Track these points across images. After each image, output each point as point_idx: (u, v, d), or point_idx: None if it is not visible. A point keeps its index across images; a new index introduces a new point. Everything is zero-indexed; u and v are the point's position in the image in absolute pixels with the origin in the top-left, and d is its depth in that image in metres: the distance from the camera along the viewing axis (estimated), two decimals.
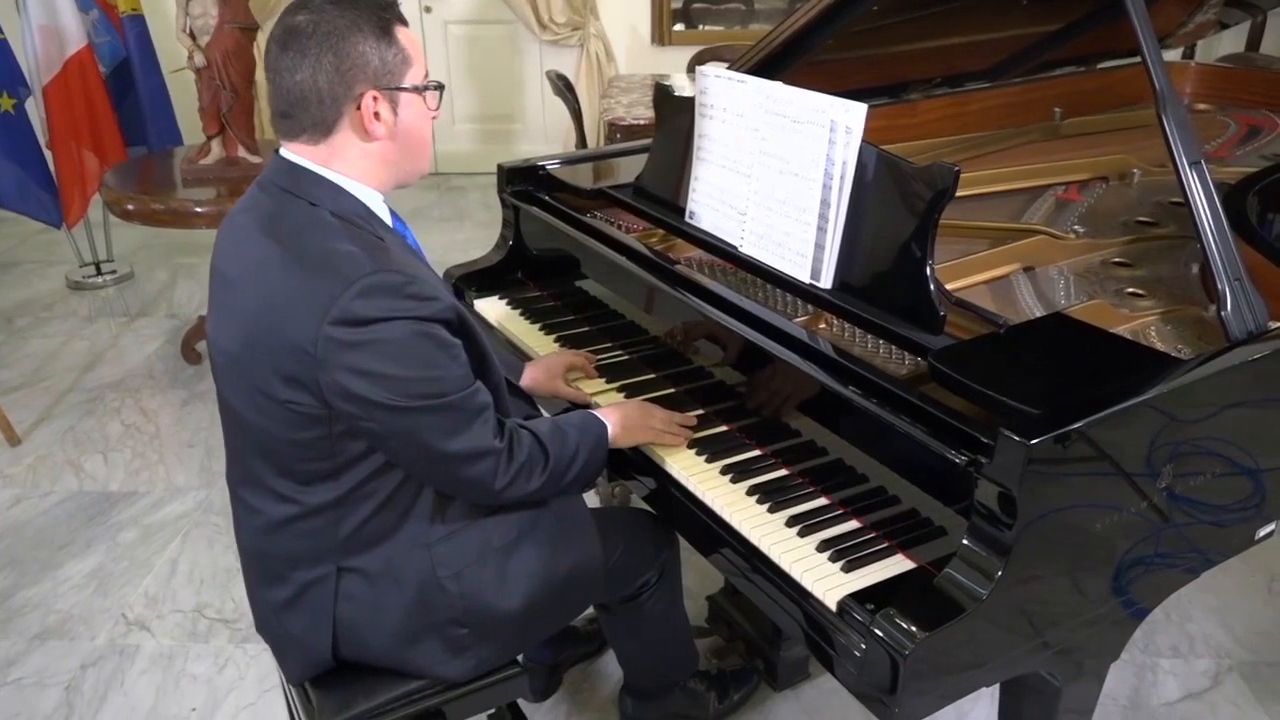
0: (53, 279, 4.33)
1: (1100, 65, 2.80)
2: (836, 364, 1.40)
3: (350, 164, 1.29)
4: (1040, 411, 1.14)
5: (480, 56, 5.45)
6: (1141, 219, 2.02)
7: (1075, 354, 1.32)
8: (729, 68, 1.98)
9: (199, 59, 3.05)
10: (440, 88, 1.34)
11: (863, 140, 1.45)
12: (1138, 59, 2.88)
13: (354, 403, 1.21)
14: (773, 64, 2.08)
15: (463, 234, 4.78)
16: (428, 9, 5.27)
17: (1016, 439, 1.09)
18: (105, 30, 4.01)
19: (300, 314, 1.20)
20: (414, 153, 1.34)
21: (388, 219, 1.36)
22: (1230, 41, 4.69)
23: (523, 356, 1.93)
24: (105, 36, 4.01)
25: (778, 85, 1.58)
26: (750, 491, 1.44)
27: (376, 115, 1.27)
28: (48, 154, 3.92)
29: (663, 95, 1.90)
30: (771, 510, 1.40)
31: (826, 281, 1.52)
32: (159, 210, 2.98)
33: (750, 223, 1.64)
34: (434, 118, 1.35)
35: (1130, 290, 1.69)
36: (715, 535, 1.45)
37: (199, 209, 2.99)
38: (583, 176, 2.19)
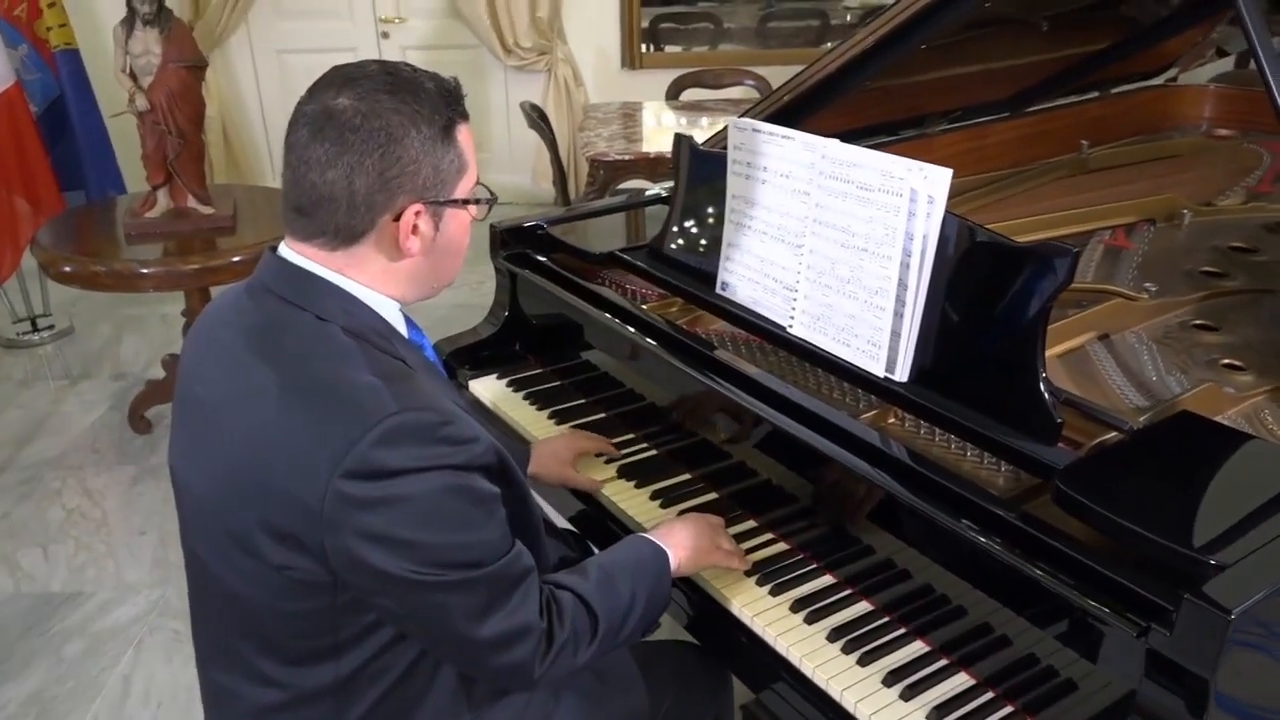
0: None
1: (1116, 90, 2.64)
2: (930, 482, 1.17)
3: (369, 276, 1.06)
4: (1224, 563, 0.92)
5: None
6: (1207, 269, 1.83)
7: (1225, 469, 1.10)
8: (747, 113, 1.76)
9: (141, 101, 2.75)
10: (492, 199, 1.11)
11: (946, 210, 1.23)
12: (1158, 82, 2.75)
13: (366, 574, 0.96)
14: (799, 108, 1.87)
15: None
16: (385, 35, 5.00)
17: (1211, 609, 0.87)
18: (36, 67, 3.68)
19: (304, 460, 0.95)
20: (446, 267, 1.11)
21: (404, 330, 1.11)
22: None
23: (524, 442, 1.68)
24: (36, 73, 3.68)
25: (833, 143, 1.35)
26: (832, 636, 1.20)
27: (415, 229, 1.04)
28: None
29: (684, 148, 1.66)
30: (862, 663, 1.16)
31: (902, 375, 1.29)
32: (100, 273, 2.66)
33: (803, 301, 1.41)
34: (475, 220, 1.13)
35: (1225, 363, 1.49)
36: (784, 681, 1.21)
37: (145, 270, 2.68)
38: (585, 235, 1.95)
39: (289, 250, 1.06)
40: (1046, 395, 1.15)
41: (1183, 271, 1.80)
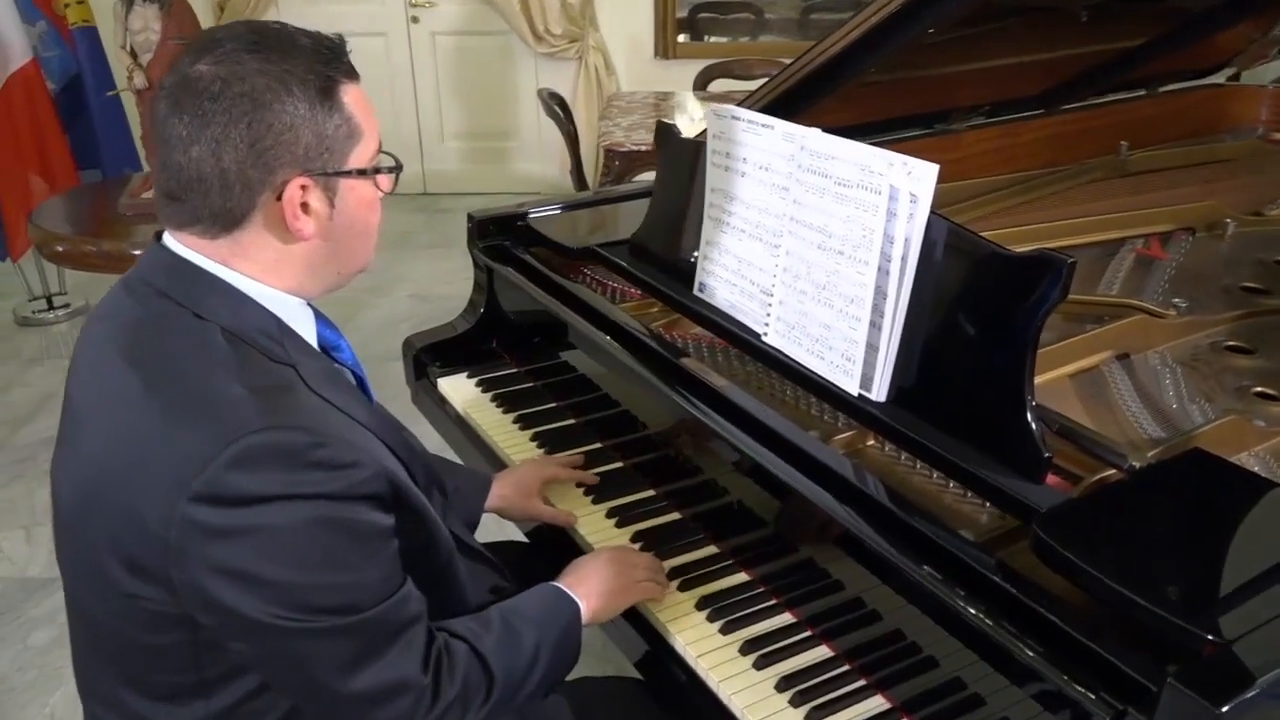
0: None
1: (1165, 89, 2.45)
2: (895, 519, 1.03)
3: (260, 266, 0.94)
4: (1222, 638, 0.77)
5: (471, 69, 5.10)
6: (1247, 284, 1.65)
7: (1237, 522, 0.95)
8: (743, 102, 1.62)
9: (139, 79, 2.69)
10: (398, 168, 0.98)
11: (932, 211, 1.09)
12: (1209, 81, 2.55)
13: (218, 614, 0.84)
14: (798, 96, 1.72)
15: (451, 262, 4.41)
16: (415, 19, 4.92)
17: (1197, 698, 0.73)
18: (54, 44, 3.65)
19: (153, 478, 0.84)
20: (352, 250, 0.98)
21: (311, 333, 0.99)
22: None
23: (491, 457, 1.57)
24: (54, 50, 3.65)
25: (814, 133, 1.22)
26: (782, 685, 1.07)
27: (304, 207, 0.91)
28: None
29: (665, 136, 1.53)
30: None
31: (880, 394, 1.16)
32: (91, 253, 2.61)
33: (779, 307, 1.28)
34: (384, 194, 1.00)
35: (1258, 391, 1.33)
36: None
37: (135, 250, 2.61)
38: (570, 228, 1.82)
39: (173, 240, 0.94)
40: (1034, 425, 1.00)
41: (1220, 286, 1.64)
